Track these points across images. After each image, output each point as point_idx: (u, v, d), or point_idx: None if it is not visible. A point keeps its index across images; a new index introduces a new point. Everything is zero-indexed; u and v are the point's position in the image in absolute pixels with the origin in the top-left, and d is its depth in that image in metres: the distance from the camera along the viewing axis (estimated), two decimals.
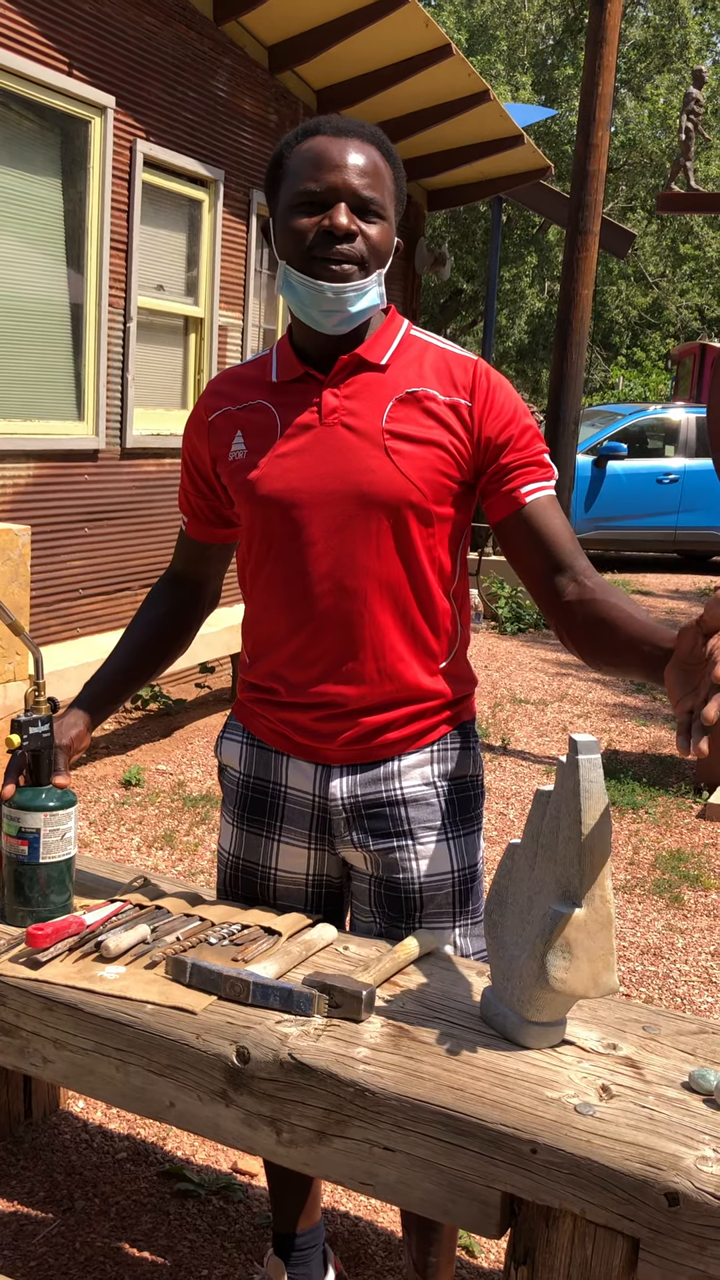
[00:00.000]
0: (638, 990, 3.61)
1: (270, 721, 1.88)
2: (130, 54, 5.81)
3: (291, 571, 1.78)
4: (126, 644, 2.00)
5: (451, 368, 1.77)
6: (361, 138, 1.69)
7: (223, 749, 1.97)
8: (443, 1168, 1.44)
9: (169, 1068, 1.60)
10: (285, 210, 1.70)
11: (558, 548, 1.76)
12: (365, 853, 1.85)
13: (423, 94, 7.76)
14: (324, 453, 1.74)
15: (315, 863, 1.90)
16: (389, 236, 1.71)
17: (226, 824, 1.97)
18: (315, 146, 1.68)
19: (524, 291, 25.36)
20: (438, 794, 1.85)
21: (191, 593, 2.05)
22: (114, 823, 4.72)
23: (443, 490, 1.74)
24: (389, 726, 1.81)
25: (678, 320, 28.12)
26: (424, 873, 1.84)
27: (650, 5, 25.94)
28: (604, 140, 9.15)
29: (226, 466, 1.82)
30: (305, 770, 1.86)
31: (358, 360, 1.75)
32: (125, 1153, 2.64)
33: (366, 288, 1.69)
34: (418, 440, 1.73)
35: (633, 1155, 1.34)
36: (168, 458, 6.46)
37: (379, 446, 1.72)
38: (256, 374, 1.84)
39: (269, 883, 1.93)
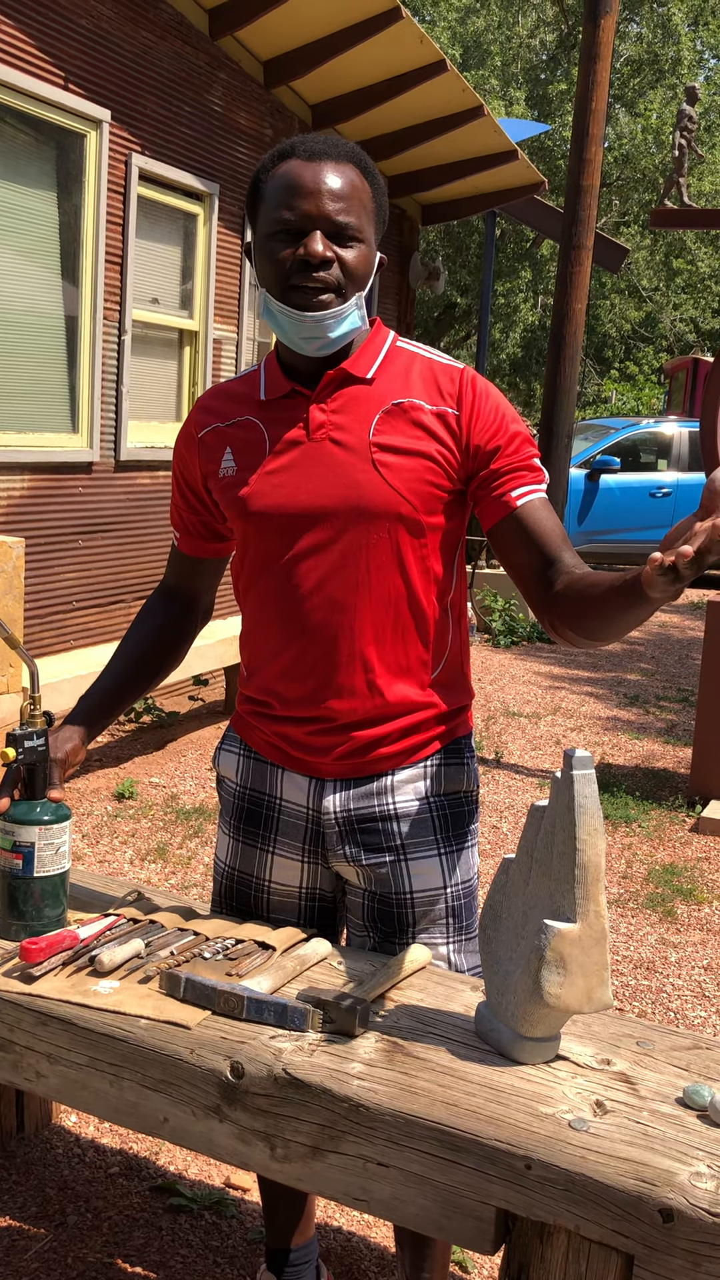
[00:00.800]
0: (631, 1005, 3.61)
1: (265, 734, 1.88)
2: (126, 68, 5.83)
3: (283, 586, 1.78)
4: (121, 658, 2.00)
5: (438, 377, 1.78)
6: (336, 158, 1.68)
7: (220, 760, 1.98)
8: (437, 1184, 1.43)
9: (163, 1083, 1.60)
10: (262, 238, 1.71)
11: (548, 546, 1.76)
12: (357, 867, 1.85)
13: (417, 109, 7.79)
14: (312, 468, 1.75)
15: (308, 876, 1.90)
16: (367, 258, 1.71)
17: (223, 835, 1.98)
18: (289, 172, 1.67)
19: (517, 305, 25.43)
20: (431, 809, 1.85)
21: (185, 606, 2.06)
22: (107, 836, 4.71)
23: (433, 500, 1.75)
24: (382, 741, 1.82)
25: (671, 334, 28.21)
26: (416, 888, 1.84)
27: (643, 22, 26.06)
28: (597, 155, 9.19)
29: (217, 483, 1.83)
30: (299, 783, 1.86)
31: (343, 375, 1.76)
32: (118, 1168, 2.63)
33: (345, 314, 1.69)
34: (405, 452, 1.73)
35: (627, 1171, 1.34)
36: (162, 470, 6.47)
37: (367, 460, 1.73)
38: (245, 390, 1.84)
39: (263, 895, 1.93)
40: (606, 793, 5.69)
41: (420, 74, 7.29)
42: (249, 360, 7.39)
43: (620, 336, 28.23)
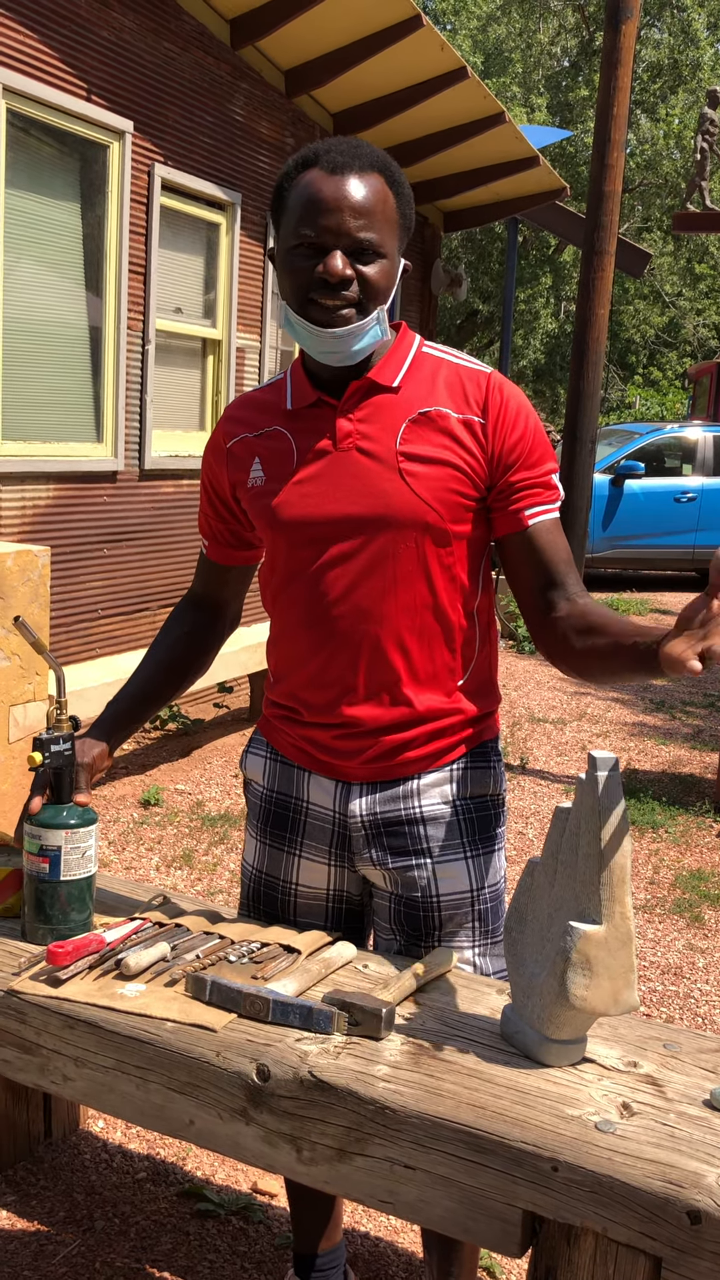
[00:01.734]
0: (658, 1010, 3.60)
1: (292, 738, 1.89)
2: (148, 79, 5.86)
3: (311, 594, 1.79)
4: (148, 665, 2.01)
5: (465, 383, 1.77)
6: (360, 169, 1.67)
7: (247, 763, 1.99)
8: (464, 1186, 1.43)
9: (189, 1085, 1.60)
10: (283, 251, 1.70)
11: (553, 568, 1.78)
12: (384, 870, 1.85)
13: (439, 116, 7.80)
14: (340, 477, 1.75)
15: (335, 879, 1.91)
16: (389, 272, 1.70)
17: (250, 838, 1.99)
18: (311, 184, 1.66)
19: (539, 312, 25.41)
20: (457, 813, 1.85)
21: (212, 614, 2.06)
22: (133, 842, 4.72)
23: (459, 509, 1.75)
24: (408, 745, 1.82)
25: (694, 339, 28.13)
26: (442, 892, 1.84)
27: (664, 27, 26.03)
28: (619, 161, 9.18)
29: (246, 493, 1.84)
30: (326, 787, 1.87)
31: (369, 384, 1.76)
32: (145, 1172, 2.63)
33: (365, 329, 1.69)
34: (432, 460, 1.73)
35: (654, 1173, 1.33)
36: (186, 479, 6.49)
37: (394, 469, 1.73)
38: (272, 399, 1.85)
39: (290, 898, 1.93)
40: (633, 798, 5.67)
41: (441, 81, 7.29)
42: (272, 368, 7.41)
43: (644, 342, 28.17)
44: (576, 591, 1.78)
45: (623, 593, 12.71)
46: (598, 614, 1.71)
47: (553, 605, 1.77)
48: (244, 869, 2.01)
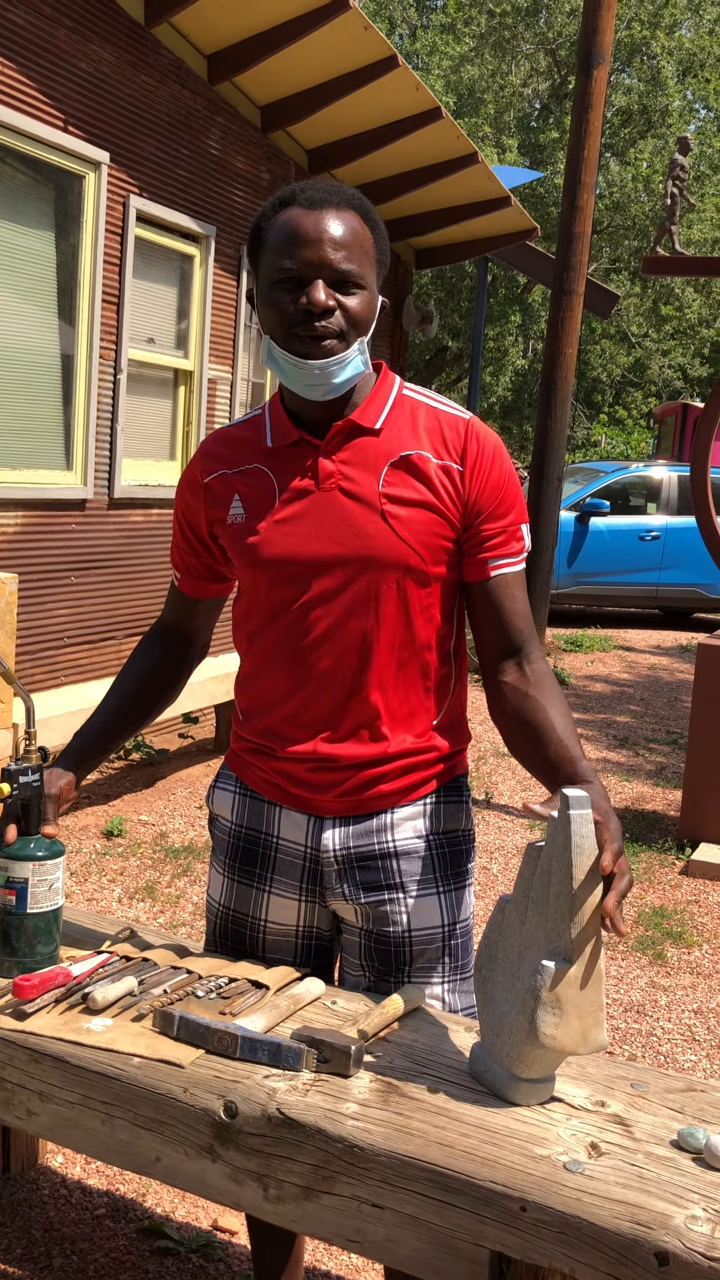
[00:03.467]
0: (621, 1048, 3.60)
1: (264, 772, 1.89)
2: (125, 111, 5.90)
3: (291, 634, 1.80)
4: (115, 694, 2.00)
5: (444, 428, 1.80)
6: (337, 205, 1.70)
7: (214, 799, 1.98)
8: (431, 1225, 1.43)
9: (155, 1121, 1.59)
10: (265, 286, 1.73)
11: (510, 627, 1.81)
12: (355, 905, 1.85)
13: (412, 155, 7.88)
14: (323, 518, 1.76)
15: (305, 915, 1.90)
16: (369, 304, 1.73)
17: (216, 874, 1.97)
18: (290, 220, 1.69)
19: (508, 349, 25.62)
20: (429, 847, 1.86)
21: (181, 644, 2.06)
22: (95, 874, 4.69)
23: (439, 551, 1.78)
24: (382, 779, 1.83)
25: (660, 380, 28.44)
26: (414, 927, 1.84)
27: (634, 73, 26.43)
28: (589, 203, 9.29)
29: (226, 530, 1.85)
30: (298, 821, 1.86)
31: (352, 425, 1.77)
32: (104, 1209, 2.60)
33: (348, 360, 1.71)
34: (414, 504, 1.75)
35: (622, 1214, 1.33)
36: (155, 508, 6.49)
37: (377, 511, 1.75)
38: (251, 436, 1.85)
39: (259, 935, 1.93)
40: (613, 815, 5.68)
41: (415, 121, 7.37)
42: (243, 400, 7.43)
43: (610, 381, 28.45)
44: (529, 657, 1.82)
45: (587, 629, 12.78)
46: (537, 710, 1.76)
47: (503, 668, 1.82)
48: (209, 906, 2.00)
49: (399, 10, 29.85)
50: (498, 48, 26.43)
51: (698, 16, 26.64)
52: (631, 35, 25.15)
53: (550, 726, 1.72)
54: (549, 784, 1.69)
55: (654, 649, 11.90)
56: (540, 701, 1.75)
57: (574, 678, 9.93)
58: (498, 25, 26.19)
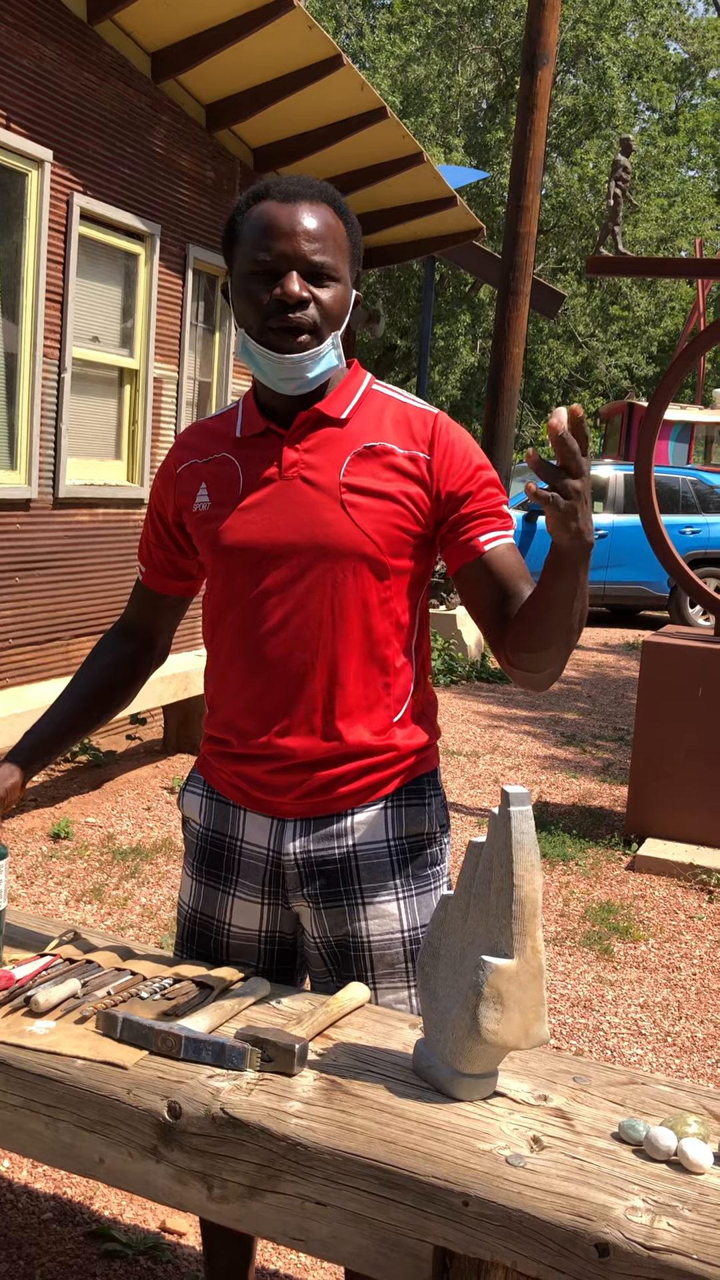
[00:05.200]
0: (568, 1043, 3.62)
1: (227, 775, 1.89)
2: (68, 109, 5.86)
3: (250, 621, 1.80)
4: (70, 694, 1.99)
5: (411, 421, 1.80)
6: (311, 199, 1.71)
7: (184, 801, 1.98)
8: (375, 1221, 1.43)
9: (99, 1124, 1.58)
10: (239, 279, 1.73)
11: (510, 583, 1.79)
12: (316, 909, 1.85)
13: (358, 154, 7.89)
14: (283, 505, 1.77)
15: (269, 918, 1.90)
16: (343, 297, 1.74)
17: (187, 877, 1.98)
18: (265, 213, 1.70)
19: (457, 348, 25.71)
20: (390, 852, 1.85)
21: (141, 644, 2.05)
22: (42, 876, 4.66)
23: (399, 543, 1.77)
24: (340, 780, 1.82)
25: (607, 379, 28.64)
26: (371, 933, 1.84)
27: (580, 74, 26.60)
28: (534, 203, 9.35)
29: (191, 517, 1.85)
30: (261, 825, 1.86)
31: (318, 415, 1.78)
32: (51, 1213, 2.59)
33: (323, 353, 1.72)
34: (375, 494, 1.75)
35: (564, 1206, 1.35)
36: (101, 508, 6.45)
37: (335, 500, 1.75)
38: (222, 428, 1.87)
39: (223, 938, 1.93)
40: (544, 831, 5.72)
41: (361, 120, 7.38)
42: (190, 399, 7.41)
43: (557, 381, 28.62)
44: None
45: None
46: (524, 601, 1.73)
47: (509, 616, 1.78)
48: (180, 908, 2.00)
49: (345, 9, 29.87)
50: (444, 48, 26.51)
51: (642, 19, 26.87)
52: (577, 36, 25.31)
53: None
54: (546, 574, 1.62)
55: (601, 647, 11.99)
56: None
57: None
58: (444, 25, 26.28)
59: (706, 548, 13.08)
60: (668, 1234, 1.30)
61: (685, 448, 18.85)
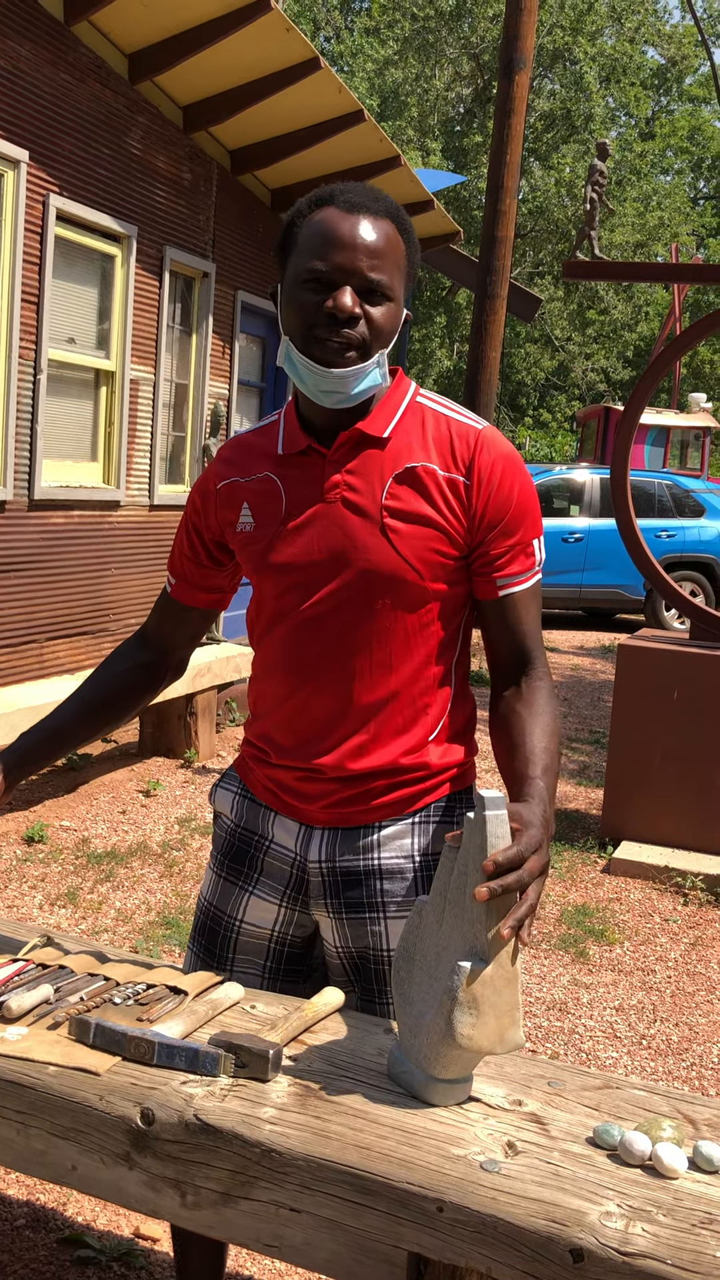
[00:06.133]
0: (544, 1046, 3.62)
1: (260, 779, 1.89)
2: (45, 110, 5.84)
3: (292, 639, 1.79)
4: (77, 699, 1.96)
5: (454, 438, 1.76)
6: (375, 213, 1.66)
7: (217, 796, 1.98)
8: (349, 1228, 1.43)
9: (71, 1130, 1.57)
10: (291, 284, 1.69)
11: (516, 646, 1.81)
12: (337, 919, 1.85)
13: (336, 157, 7.89)
14: (325, 528, 1.74)
15: (284, 920, 1.90)
16: (395, 316, 1.70)
17: (210, 871, 1.98)
18: (326, 220, 1.65)
19: (433, 351, 25.74)
20: (415, 867, 1.84)
21: (157, 656, 2.02)
22: (15, 880, 4.63)
23: (439, 568, 1.75)
24: (371, 794, 1.81)
25: (583, 383, 28.73)
26: (393, 946, 1.83)
27: (557, 78, 26.67)
28: (511, 207, 9.36)
29: (236, 537, 1.83)
30: (290, 828, 1.87)
31: (360, 435, 1.74)
32: (24, 1219, 2.57)
33: (367, 370, 1.68)
34: (414, 518, 1.72)
35: (538, 1212, 1.34)
36: (77, 510, 6.43)
37: (377, 524, 1.72)
38: (263, 444, 1.84)
39: (232, 934, 1.92)
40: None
41: (339, 123, 7.39)
42: (166, 401, 7.39)
43: (534, 385, 28.69)
44: (530, 671, 1.81)
45: None
46: (514, 730, 1.75)
47: (505, 683, 1.82)
48: (199, 901, 2.00)
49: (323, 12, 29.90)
50: (422, 51, 26.56)
51: (619, 24, 26.98)
52: (554, 41, 25.39)
53: (523, 743, 1.70)
54: (512, 797, 1.67)
55: (577, 649, 12.02)
56: (524, 718, 1.74)
57: None
58: (422, 29, 26.32)
59: (682, 551, 13.13)
60: (642, 1239, 1.30)
61: (661, 452, 18.92)
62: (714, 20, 34.12)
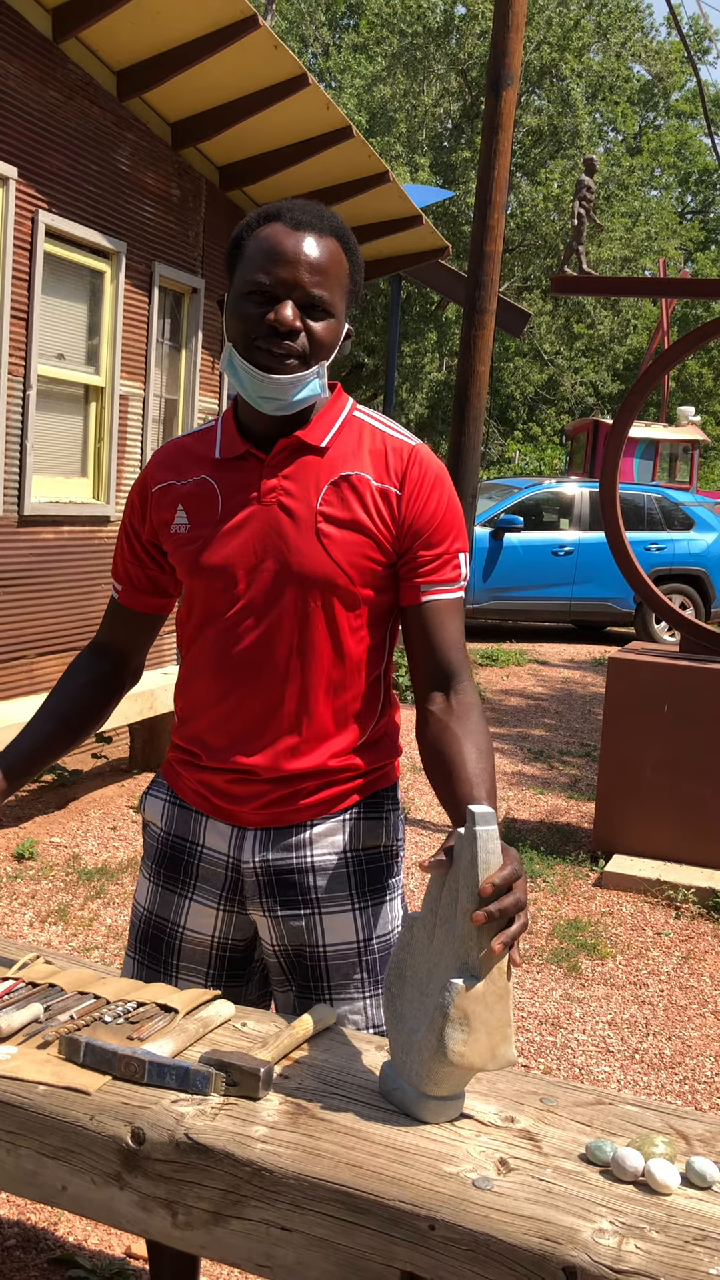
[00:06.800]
0: (536, 1061, 3.61)
1: (190, 782, 1.91)
2: (33, 126, 5.85)
3: (223, 642, 1.82)
4: (45, 715, 1.97)
5: (389, 452, 1.82)
6: (319, 231, 1.72)
7: (146, 805, 1.99)
8: (341, 1247, 1.42)
9: (62, 1150, 1.56)
10: (236, 295, 1.74)
11: (439, 655, 1.81)
12: (272, 919, 1.87)
13: (324, 173, 7.91)
14: (260, 531, 1.78)
15: (223, 925, 1.91)
16: (335, 331, 1.75)
17: (144, 879, 1.99)
18: (272, 236, 1.71)
19: (424, 366, 25.80)
20: (346, 864, 1.88)
21: (114, 665, 2.04)
22: (5, 897, 4.62)
23: (369, 574, 1.79)
24: (302, 793, 1.85)
25: (572, 397, 28.81)
26: (328, 942, 1.86)
27: (544, 95, 26.80)
28: (500, 222, 9.40)
29: (170, 539, 1.86)
30: (222, 831, 1.89)
31: (298, 443, 1.79)
32: (15, 1240, 2.56)
33: (307, 380, 1.73)
34: (347, 524, 1.77)
35: (531, 1230, 1.34)
36: (67, 525, 6.42)
37: (311, 529, 1.77)
38: (200, 449, 1.87)
39: (176, 941, 1.93)
40: (511, 847, 5.72)
41: (327, 139, 7.40)
42: (156, 416, 7.39)
43: (523, 399, 28.77)
44: (456, 684, 1.81)
45: (502, 643, 12.87)
46: (454, 744, 1.74)
47: (430, 695, 1.82)
48: (135, 911, 2.01)
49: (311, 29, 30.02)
50: (410, 68, 26.67)
51: (605, 41, 27.12)
52: (541, 57, 25.51)
53: (461, 764, 1.70)
54: (451, 820, 1.68)
55: (567, 663, 12.03)
56: (457, 735, 1.74)
57: (490, 692, 10.00)
58: (410, 46, 26.43)
59: (671, 564, 13.16)
60: (635, 1256, 1.29)
61: (650, 465, 18.97)
62: (699, 36, 34.34)
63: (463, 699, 1.80)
